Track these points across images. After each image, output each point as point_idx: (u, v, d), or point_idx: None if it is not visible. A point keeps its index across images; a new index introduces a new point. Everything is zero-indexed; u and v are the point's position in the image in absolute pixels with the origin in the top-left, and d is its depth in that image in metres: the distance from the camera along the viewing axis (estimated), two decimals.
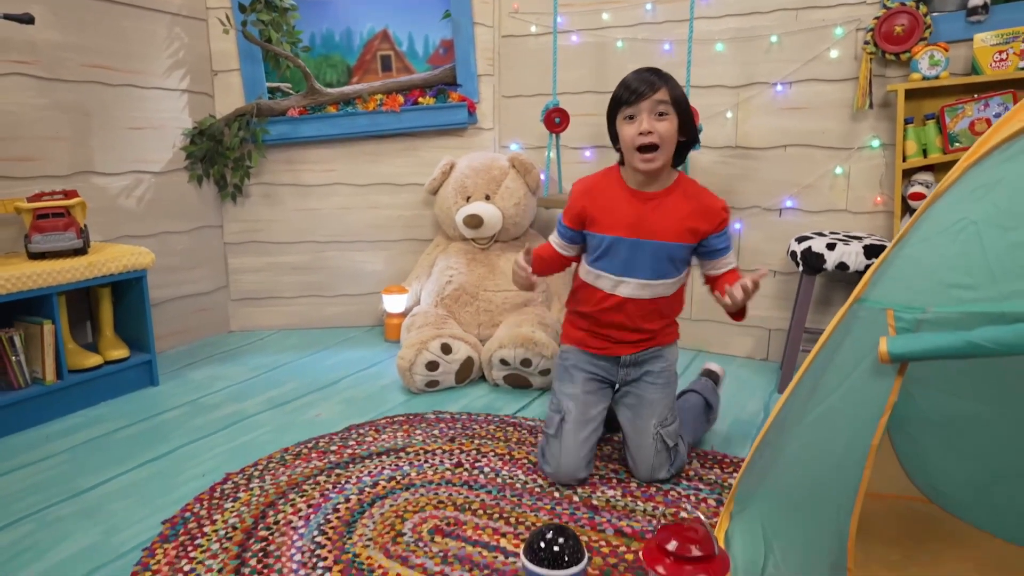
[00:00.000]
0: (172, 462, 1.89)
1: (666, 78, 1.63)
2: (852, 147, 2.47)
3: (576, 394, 1.79)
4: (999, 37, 2.15)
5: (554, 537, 1.28)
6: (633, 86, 1.60)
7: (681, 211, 1.67)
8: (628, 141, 1.61)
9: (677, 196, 1.69)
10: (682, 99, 1.64)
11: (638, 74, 1.63)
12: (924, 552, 1.43)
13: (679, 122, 1.63)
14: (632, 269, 1.71)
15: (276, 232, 3.10)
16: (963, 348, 0.92)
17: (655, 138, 1.58)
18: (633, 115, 1.60)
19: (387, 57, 3.26)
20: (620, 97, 1.63)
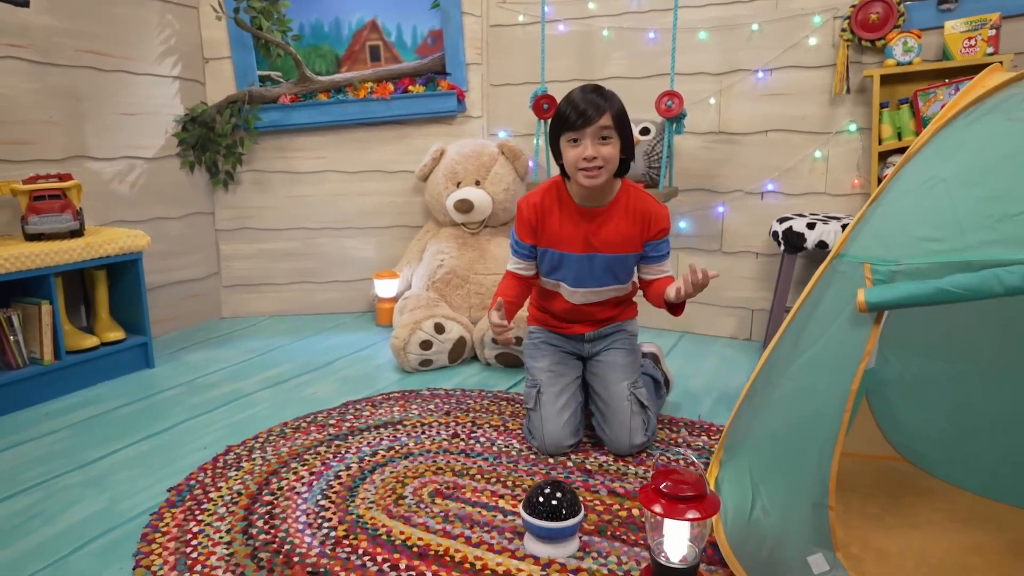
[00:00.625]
0: (174, 436, 1.93)
1: (610, 99, 1.63)
2: (830, 131, 2.56)
3: (547, 367, 1.87)
4: (968, 24, 2.25)
5: (552, 492, 1.35)
6: (579, 111, 1.59)
7: (626, 223, 1.73)
8: (572, 163, 1.64)
9: (621, 208, 1.74)
10: (624, 121, 1.66)
11: (583, 96, 1.62)
12: (900, 505, 1.51)
13: (620, 144, 1.65)
14: (585, 280, 1.81)
15: (267, 219, 3.13)
16: (933, 295, 0.99)
17: (599, 162, 1.61)
18: (577, 139, 1.62)
19: (376, 47, 3.30)
20: (564, 121, 1.63)
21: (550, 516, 1.34)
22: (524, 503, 1.38)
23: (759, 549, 1.16)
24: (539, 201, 1.78)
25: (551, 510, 1.34)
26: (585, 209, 1.75)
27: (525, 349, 1.95)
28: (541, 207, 1.78)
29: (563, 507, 1.34)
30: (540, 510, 1.35)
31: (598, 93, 1.63)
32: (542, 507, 1.35)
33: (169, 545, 1.40)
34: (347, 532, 1.44)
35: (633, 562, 1.34)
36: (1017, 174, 0.99)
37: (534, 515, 1.35)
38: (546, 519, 1.34)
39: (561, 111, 1.64)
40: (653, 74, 2.82)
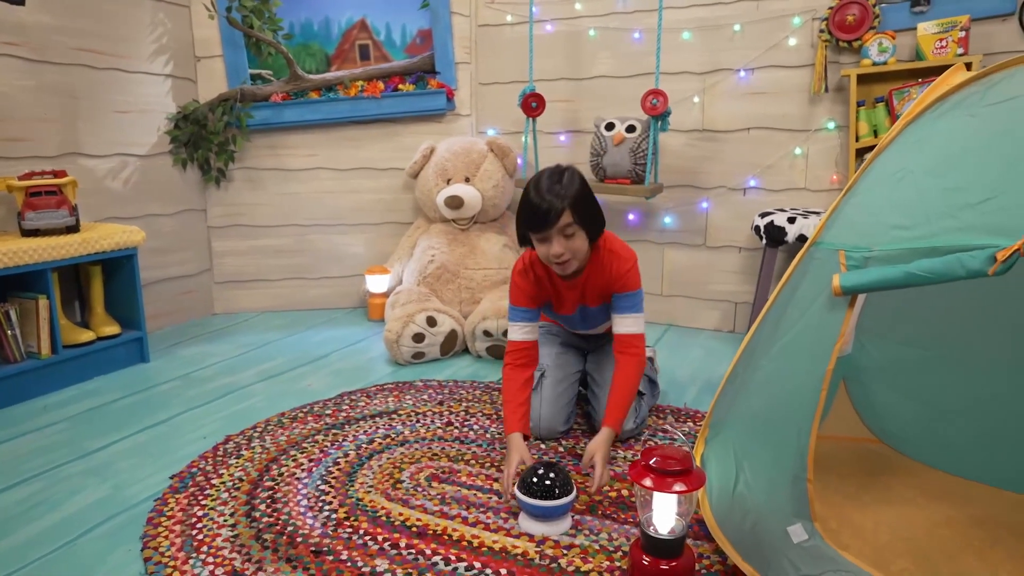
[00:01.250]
0: (172, 427, 1.97)
1: (567, 190, 1.61)
2: (810, 129, 2.64)
3: (553, 353, 1.95)
4: (940, 26, 2.34)
5: (545, 472, 1.41)
6: (539, 215, 1.59)
7: (601, 283, 1.77)
8: (544, 257, 1.67)
9: (595, 273, 1.76)
10: (584, 204, 1.64)
11: (543, 195, 1.60)
12: (876, 484, 1.59)
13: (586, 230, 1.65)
14: (577, 326, 1.95)
15: (259, 216, 3.16)
16: (903, 278, 1.06)
17: (567, 255, 1.64)
18: (543, 238, 1.63)
19: (365, 46, 3.34)
20: (530, 222, 1.63)
21: (544, 496, 1.40)
22: (519, 484, 1.44)
23: (743, 522, 1.23)
24: (531, 270, 1.80)
25: (545, 490, 1.40)
26: (569, 282, 1.80)
27: None
28: (535, 283, 1.80)
29: (556, 487, 1.40)
30: (534, 490, 1.41)
31: (557, 185, 1.61)
32: (536, 487, 1.41)
33: (175, 528, 1.44)
34: (348, 514, 1.50)
35: (623, 538, 1.40)
36: (977, 166, 1.07)
37: (529, 495, 1.41)
38: (540, 499, 1.40)
39: (525, 209, 1.64)
40: (638, 73, 2.89)
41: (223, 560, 1.33)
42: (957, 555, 1.34)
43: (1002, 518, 1.44)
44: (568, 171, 1.65)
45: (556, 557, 1.34)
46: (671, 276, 2.99)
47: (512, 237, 3.02)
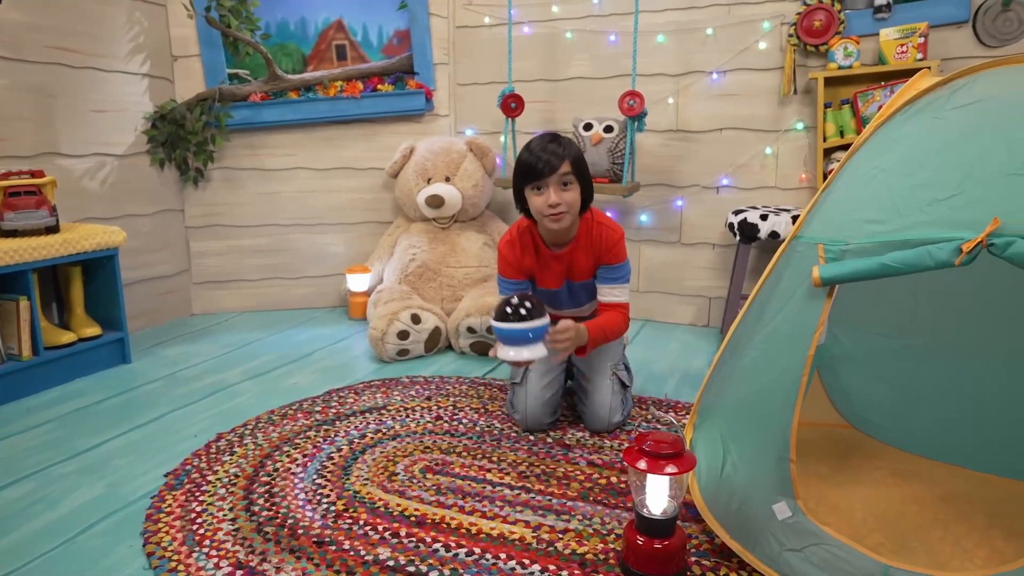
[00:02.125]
0: (163, 426, 1.97)
1: (567, 147, 1.72)
2: (779, 129, 2.75)
3: None
4: (900, 32, 2.46)
5: (520, 301, 1.50)
6: (541, 161, 1.69)
7: (589, 255, 1.85)
8: (538, 209, 1.75)
9: (583, 242, 1.84)
10: (582, 165, 1.75)
11: (543, 147, 1.71)
12: (848, 465, 1.68)
13: (581, 185, 1.75)
14: (565, 304, 1.98)
15: (238, 216, 3.16)
16: (878, 270, 1.14)
17: (563, 207, 1.71)
18: (541, 187, 1.72)
19: (342, 46, 3.36)
20: (528, 172, 1.72)
21: (518, 321, 1.49)
22: (494, 314, 1.52)
23: (730, 502, 1.30)
24: (517, 243, 1.87)
25: (519, 317, 1.48)
26: (558, 253, 1.85)
27: None
28: (520, 248, 1.87)
29: (530, 313, 1.49)
30: (509, 317, 1.49)
31: (556, 142, 1.73)
32: (511, 315, 1.49)
33: (175, 524, 1.46)
34: (346, 506, 1.53)
35: (615, 522, 1.46)
36: (944, 164, 1.15)
37: (503, 321, 1.49)
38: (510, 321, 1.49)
39: (523, 162, 1.73)
40: (614, 75, 2.97)
41: (227, 553, 1.36)
42: (925, 529, 1.43)
43: (964, 495, 1.54)
44: (563, 136, 1.75)
45: (552, 541, 1.39)
46: (647, 273, 3.07)
47: (492, 236, 3.07)
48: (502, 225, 3.14)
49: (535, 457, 1.76)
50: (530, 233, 1.86)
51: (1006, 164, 1.09)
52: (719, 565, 1.32)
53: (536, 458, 1.76)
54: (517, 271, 1.86)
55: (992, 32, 2.44)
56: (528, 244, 1.86)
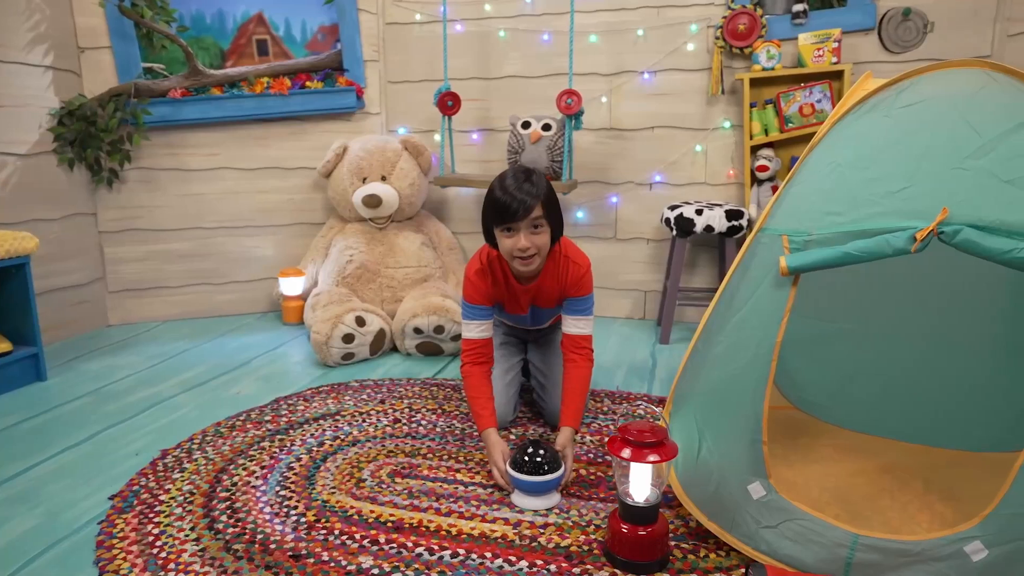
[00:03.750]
0: (97, 446, 1.83)
1: (538, 187, 1.65)
2: (708, 128, 2.87)
3: (497, 345, 1.98)
4: (816, 37, 2.62)
5: (535, 450, 1.49)
6: (512, 206, 1.62)
7: (555, 286, 1.85)
8: (507, 251, 1.69)
9: (551, 275, 1.82)
10: (553, 204, 1.70)
11: (518, 187, 1.63)
12: (798, 445, 1.77)
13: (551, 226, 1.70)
14: (526, 323, 2.01)
15: (158, 219, 2.97)
16: (841, 258, 1.22)
17: (532, 251, 1.67)
18: (511, 229, 1.66)
19: (263, 41, 3.22)
20: (499, 213, 1.65)
21: (535, 472, 1.48)
22: (510, 462, 1.51)
23: (707, 485, 1.35)
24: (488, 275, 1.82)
25: (535, 466, 1.48)
26: (526, 287, 1.84)
27: None
28: (490, 285, 1.83)
29: (546, 463, 1.48)
30: (525, 467, 1.48)
31: (529, 182, 1.65)
32: (527, 464, 1.48)
33: (132, 549, 1.36)
34: (317, 516, 1.48)
35: (592, 513, 1.49)
36: (894, 159, 1.24)
37: (520, 472, 1.48)
38: (532, 475, 1.48)
39: (495, 202, 1.66)
40: (548, 74, 3.00)
41: (196, 574, 1.28)
42: (873, 499, 1.54)
43: (902, 464, 1.66)
44: (535, 171, 1.70)
45: (535, 536, 1.40)
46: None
47: (428, 235, 3.04)
48: (438, 224, 3.12)
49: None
50: (500, 263, 1.82)
51: (950, 158, 1.19)
52: (698, 547, 1.37)
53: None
54: (485, 298, 1.81)
55: (895, 39, 2.65)
56: (497, 274, 1.83)
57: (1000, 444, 1.69)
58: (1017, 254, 1.09)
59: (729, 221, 2.57)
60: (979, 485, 1.56)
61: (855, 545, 1.24)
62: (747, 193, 2.76)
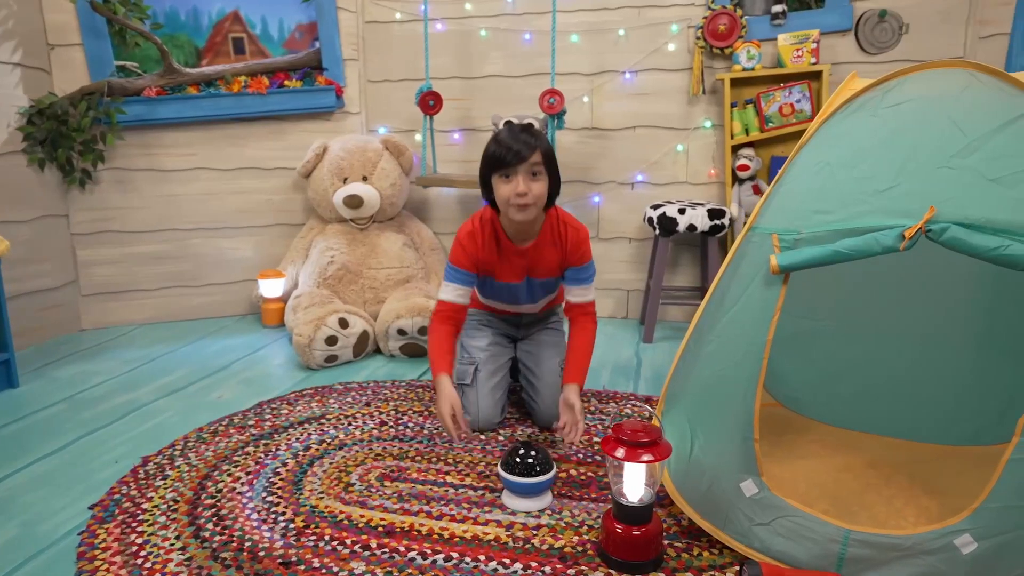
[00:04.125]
0: (74, 454, 1.78)
1: (539, 138, 1.70)
2: (689, 127, 2.88)
3: (485, 346, 1.98)
4: (795, 38, 2.65)
5: (527, 451, 1.48)
6: (512, 150, 1.66)
7: (552, 251, 1.84)
8: (504, 198, 1.70)
9: (548, 241, 1.82)
10: (552, 158, 1.74)
11: (514, 136, 1.69)
12: (783, 442, 1.79)
13: (549, 177, 1.73)
14: (520, 301, 1.96)
15: (132, 221, 2.91)
16: (831, 256, 1.23)
17: (530, 198, 1.68)
18: (510, 175, 1.68)
19: (239, 40, 3.18)
20: (497, 158, 1.68)
21: (526, 473, 1.47)
22: (501, 463, 1.50)
23: (699, 484, 1.35)
24: (477, 234, 1.82)
25: (527, 468, 1.46)
26: (520, 248, 1.83)
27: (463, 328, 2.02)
28: (480, 240, 1.82)
29: (537, 464, 1.47)
30: (517, 468, 1.47)
31: (528, 132, 1.70)
32: (519, 466, 1.47)
33: (115, 560, 1.33)
34: (306, 522, 1.45)
35: (584, 513, 1.48)
36: (882, 158, 1.25)
37: (512, 473, 1.47)
38: (523, 476, 1.46)
39: (493, 150, 1.70)
40: (529, 73, 3.00)
41: None
42: (860, 494, 1.55)
43: (886, 459, 1.69)
44: (535, 127, 1.74)
45: (528, 538, 1.39)
46: None
47: (410, 236, 3.02)
48: (420, 225, 3.10)
49: (490, 456, 1.75)
50: (492, 225, 1.82)
51: (936, 157, 1.20)
52: (691, 545, 1.37)
53: (492, 457, 1.75)
54: (472, 263, 1.81)
55: (871, 40, 2.69)
56: (490, 236, 1.82)
57: (980, 438, 1.73)
58: (1003, 251, 1.11)
59: (711, 220, 2.59)
60: (961, 479, 1.59)
61: (847, 540, 1.25)
62: (728, 192, 2.78)
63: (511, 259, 1.84)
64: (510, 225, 1.80)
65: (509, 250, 1.83)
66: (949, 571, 1.17)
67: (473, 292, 1.99)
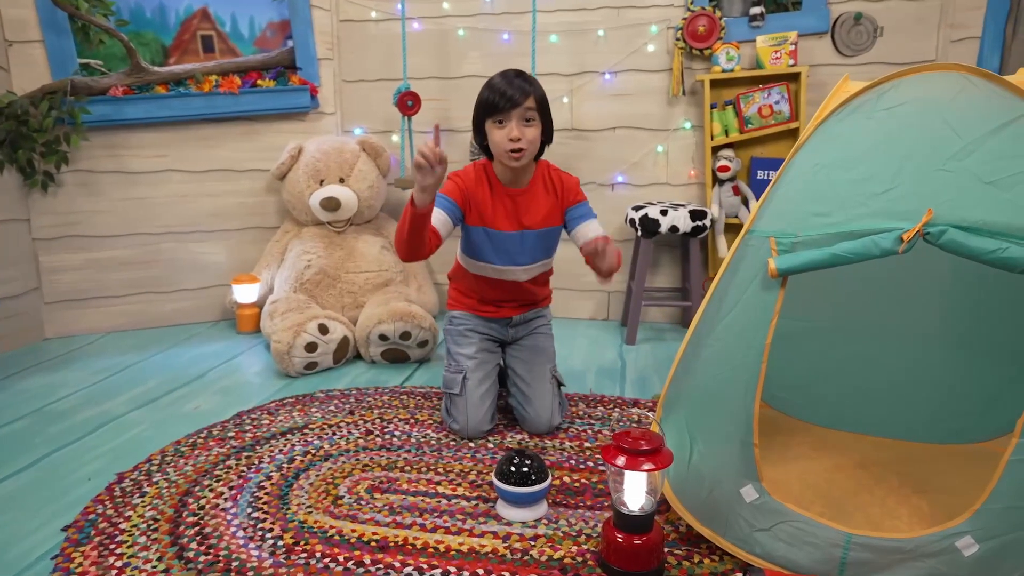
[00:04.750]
0: (43, 472, 1.70)
1: (533, 84, 1.73)
2: (669, 128, 2.88)
3: (473, 353, 1.93)
4: (774, 40, 2.67)
5: (521, 460, 1.45)
6: (506, 94, 1.69)
7: (546, 197, 1.86)
8: (498, 144, 1.73)
9: (540, 187, 1.86)
10: (545, 105, 1.77)
11: (508, 81, 1.71)
12: (774, 444, 1.78)
13: (542, 126, 1.77)
14: (515, 258, 1.87)
15: (99, 225, 2.80)
16: (829, 259, 1.22)
17: (524, 143, 1.71)
18: (503, 120, 1.71)
19: (208, 37, 3.09)
20: (491, 103, 1.71)
21: (521, 482, 1.44)
22: (496, 472, 1.46)
23: (699, 490, 1.34)
24: (469, 177, 1.84)
25: (522, 476, 1.43)
26: (512, 190, 1.83)
27: (448, 335, 1.98)
28: (471, 182, 1.83)
29: (532, 473, 1.44)
30: (512, 477, 1.44)
31: (522, 78, 1.73)
32: (514, 475, 1.43)
33: None
34: (296, 539, 1.40)
35: (581, 522, 1.46)
36: (879, 161, 1.25)
37: (507, 482, 1.44)
38: (518, 485, 1.43)
39: (486, 95, 1.73)
40: None
41: None
42: (853, 494, 1.56)
43: (875, 459, 1.69)
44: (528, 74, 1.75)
45: (526, 549, 1.36)
46: None
47: (389, 239, 2.97)
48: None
49: (482, 465, 1.72)
50: (485, 171, 1.84)
51: (932, 160, 1.21)
52: (691, 553, 1.36)
53: (483, 466, 1.71)
54: (459, 193, 1.80)
55: (847, 43, 2.72)
56: (482, 180, 1.83)
57: (965, 436, 1.75)
58: (1001, 254, 1.11)
59: (693, 221, 2.59)
60: (949, 476, 1.61)
61: (848, 544, 1.24)
62: (708, 193, 2.79)
63: (503, 200, 1.83)
64: (503, 172, 1.82)
65: (501, 191, 1.83)
66: (951, 573, 1.17)
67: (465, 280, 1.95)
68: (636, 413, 2.00)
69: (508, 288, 1.93)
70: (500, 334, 2.00)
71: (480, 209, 1.83)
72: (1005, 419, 1.73)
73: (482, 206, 1.83)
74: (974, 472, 1.63)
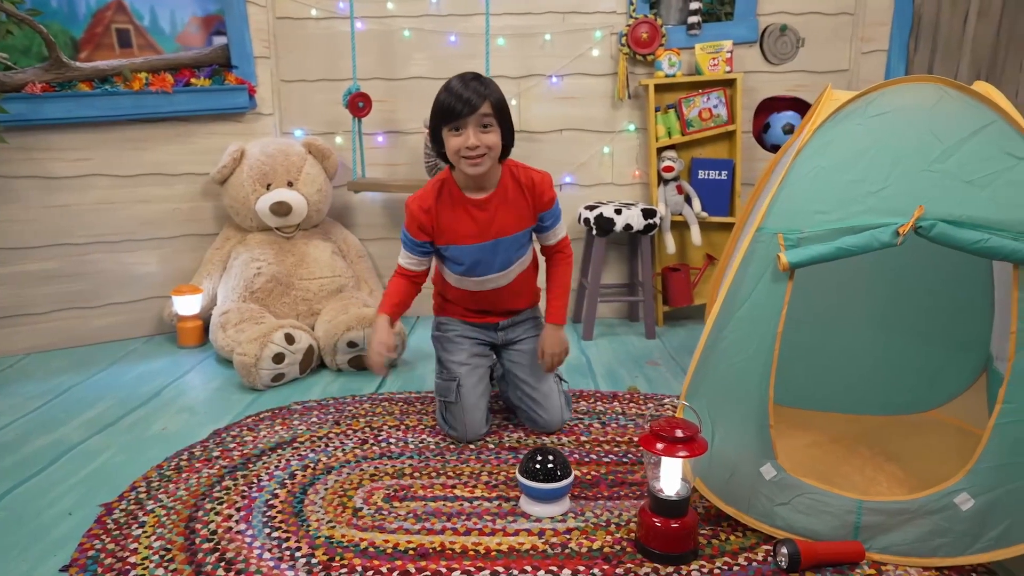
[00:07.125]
0: (14, 509, 1.54)
1: (489, 87, 1.67)
2: (614, 130, 3.00)
3: (464, 359, 1.91)
4: (711, 48, 2.84)
5: (545, 457, 1.48)
6: (461, 100, 1.62)
7: (518, 204, 1.81)
8: (455, 151, 1.67)
9: (509, 188, 1.79)
10: (504, 108, 1.70)
11: (464, 85, 1.64)
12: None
13: (501, 130, 1.70)
14: (492, 267, 1.84)
15: (16, 235, 2.53)
16: (835, 253, 1.34)
17: (481, 150, 1.65)
18: (459, 128, 1.65)
19: (125, 31, 2.87)
20: (445, 110, 1.64)
21: (546, 479, 1.47)
22: (520, 470, 1.48)
23: (722, 472, 1.43)
24: (431, 203, 1.77)
25: (547, 473, 1.46)
26: (478, 199, 1.77)
27: (437, 341, 1.96)
28: (434, 208, 1.77)
29: (557, 469, 1.47)
30: (536, 474, 1.46)
31: (478, 81, 1.66)
32: (538, 471, 1.46)
33: None
34: (328, 555, 1.36)
35: (606, 512, 1.51)
36: (871, 162, 1.39)
37: (531, 479, 1.46)
38: (542, 482, 1.46)
39: (442, 101, 1.66)
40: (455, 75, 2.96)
41: None
42: (835, 466, 1.70)
43: (846, 433, 1.86)
44: (485, 76, 1.73)
45: (563, 543, 1.40)
46: None
47: (338, 243, 2.89)
48: (345, 232, 2.98)
49: (489, 466, 1.73)
50: (446, 185, 1.78)
51: (918, 162, 1.36)
52: (716, 531, 1.45)
53: (491, 466, 1.73)
54: (419, 229, 1.79)
55: (774, 52, 2.94)
56: (444, 198, 1.77)
57: (914, 407, 1.97)
58: (984, 244, 1.27)
59: (645, 219, 2.72)
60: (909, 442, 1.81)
61: (860, 510, 1.38)
62: (654, 192, 2.92)
63: (471, 212, 1.77)
64: (465, 180, 1.76)
65: (466, 202, 1.77)
66: (951, 527, 1.33)
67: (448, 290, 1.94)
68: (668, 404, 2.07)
69: (491, 297, 1.91)
70: (490, 338, 1.98)
71: (448, 229, 1.79)
72: (945, 392, 1.97)
73: (449, 225, 1.79)
74: (927, 438, 1.85)
